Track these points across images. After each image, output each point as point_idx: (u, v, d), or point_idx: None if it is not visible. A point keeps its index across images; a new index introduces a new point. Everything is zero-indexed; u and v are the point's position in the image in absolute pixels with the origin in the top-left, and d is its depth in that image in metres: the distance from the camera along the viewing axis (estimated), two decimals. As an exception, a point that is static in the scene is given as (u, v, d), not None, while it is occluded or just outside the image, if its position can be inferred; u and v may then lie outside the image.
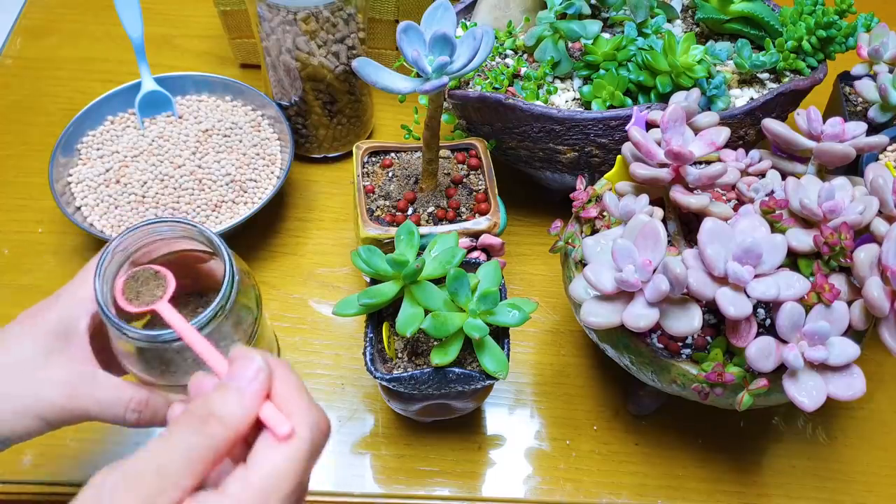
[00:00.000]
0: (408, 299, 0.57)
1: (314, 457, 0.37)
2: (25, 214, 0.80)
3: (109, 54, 0.95)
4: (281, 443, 0.36)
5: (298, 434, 0.36)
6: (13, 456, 0.64)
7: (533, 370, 0.72)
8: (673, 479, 0.66)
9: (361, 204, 0.67)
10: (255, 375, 0.37)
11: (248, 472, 0.35)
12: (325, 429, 0.38)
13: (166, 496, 0.34)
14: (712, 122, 0.63)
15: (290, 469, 0.35)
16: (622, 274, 0.52)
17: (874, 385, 0.71)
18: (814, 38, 0.73)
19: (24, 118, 0.89)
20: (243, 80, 0.84)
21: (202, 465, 0.35)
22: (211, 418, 0.35)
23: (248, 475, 0.35)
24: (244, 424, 0.36)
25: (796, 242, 0.55)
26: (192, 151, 0.78)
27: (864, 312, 0.53)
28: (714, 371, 0.54)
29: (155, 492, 0.33)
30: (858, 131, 0.61)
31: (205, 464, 0.35)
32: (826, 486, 0.66)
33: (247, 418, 0.36)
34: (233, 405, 0.36)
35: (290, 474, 0.35)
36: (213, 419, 0.35)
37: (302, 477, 0.36)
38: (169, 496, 0.34)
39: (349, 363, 0.71)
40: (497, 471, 0.66)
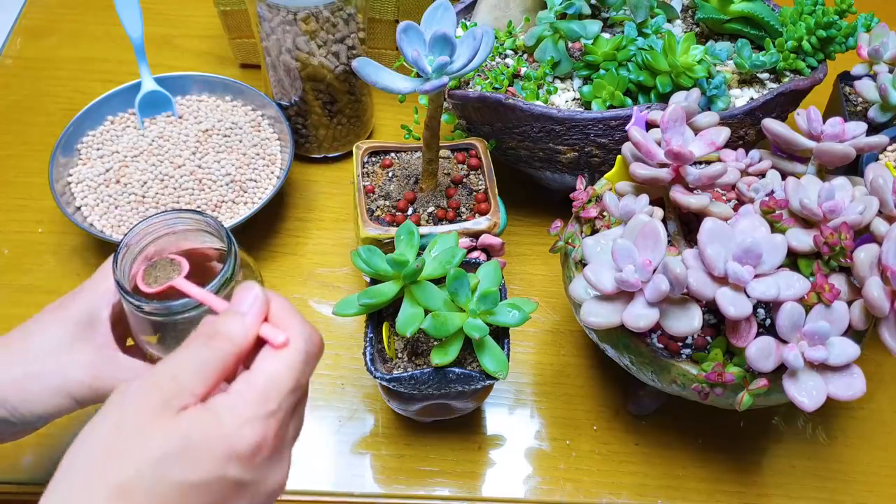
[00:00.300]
0: (408, 299, 0.57)
1: (309, 363, 0.42)
2: (25, 214, 0.80)
3: (109, 54, 0.95)
4: (278, 350, 0.41)
5: (293, 343, 0.41)
6: (13, 456, 0.64)
7: (533, 370, 0.72)
8: (673, 479, 0.66)
9: (361, 204, 0.67)
10: (253, 301, 0.42)
11: (251, 375, 0.40)
12: (318, 341, 0.43)
13: (180, 399, 0.38)
14: (712, 122, 0.63)
15: (287, 371, 0.40)
16: (622, 274, 0.52)
17: (874, 385, 0.71)
18: (814, 38, 0.73)
19: (24, 118, 0.89)
20: (243, 80, 0.84)
21: (211, 374, 0.39)
22: (218, 335, 0.40)
23: (250, 377, 0.40)
24: (246, 340, 0.41)
25: (796, 242, 0.55)
26: (192, 151, 0.78)
27: (864, 312, 0.53)
28: (714, 371, 0.54)
29: (170, 395, 0.38)
30: (858, 131, 0.61)
31: (213, 373, 0.40)
32: (826, 486, 0.66)
33: (248, 335, 0.41)
34: (236, 325, 0.41)
35: (287, 375, 0.40)
36: (220, 335, 0.40)
37: (299, 380, 0.41)
38: (184, 398, 0.38)
39: (349, 363, 0.71)
40: (497, 471, 0.66)
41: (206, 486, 0.37)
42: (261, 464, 0.39)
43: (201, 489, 0.37)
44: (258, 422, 0.39)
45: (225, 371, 0.40)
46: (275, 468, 0.40)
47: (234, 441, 0.38)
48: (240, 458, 0.38)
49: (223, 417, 0.38)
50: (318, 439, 0.67)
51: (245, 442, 0.38)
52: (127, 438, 0.37)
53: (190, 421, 0.38)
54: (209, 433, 0.38)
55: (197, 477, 0.37)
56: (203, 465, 0.37)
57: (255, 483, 0.39)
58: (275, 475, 0.40)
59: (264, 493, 0.40)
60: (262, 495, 0.40)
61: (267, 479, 0.40)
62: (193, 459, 0.37)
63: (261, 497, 0.40)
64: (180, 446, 0.37)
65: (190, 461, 0.37)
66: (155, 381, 0.39)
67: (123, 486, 0.36)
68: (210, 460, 0.37)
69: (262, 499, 0.40)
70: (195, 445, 0.37)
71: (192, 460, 0.37)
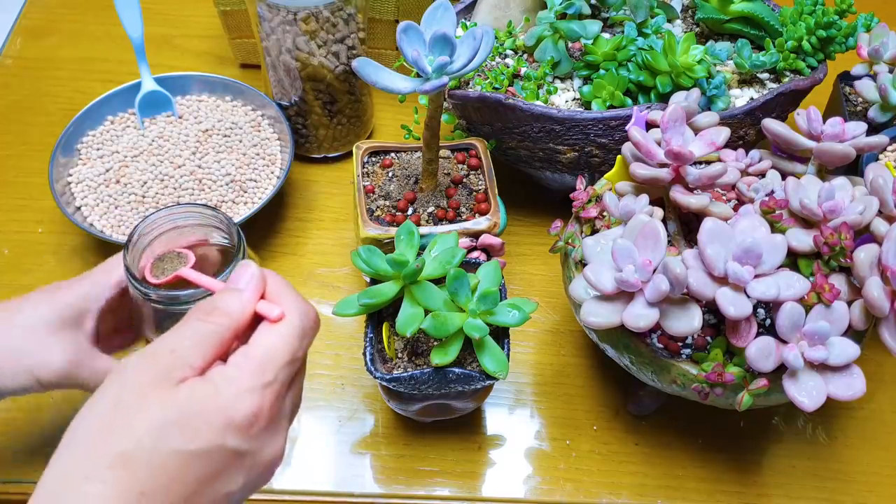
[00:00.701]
0: (408, 299, 0.57)
1: (305, 336, 0.43)
2: (25, 214, 0.80)
3: (109, 54, 0.95)
4: (274, 325, 0.42)
5: (288, 318, 0.42)
6: (12, 456, 0.64)
7: (533, 370, 0.72)
8: (673, 479, 0.66)
9: (361, 204, 0.67)
10: (250, 278, 0.43)
11: (248, 348, 0.41)
12: (314, 316, 0.44)
13: (178, 371, 0.39)
14: (712, 122, 0.63)
15: (282, 344, 0.41)
16: (622, 274, 0.52)
17: (874, 385, 0.71)
18: (814, 38, 0.73)
19: (25, 118, 0.89)
20: (243, 80, 0.84)
21: (209, 348, 0.41)
22: (215, 310, 0.42)
23: (248, 350, 0.41)
24: (243, 315, 0.42)
25: (796, 242, 0.55)
26: (192, 151, 0.78)
27: (864, 312, 0.53)
28: (714, 371, 0.54)
29: (169, 368, 0.39)
30: (858, 131, 0.61)
31: (211, 347, 0.41)
32: (826, 487, 0.66)
33: (244, 311, 0.42)
34: (233, 300, 0.42)
35: (283, 348, 0.41)
36: (217, 311, 0.42)
37: (294, 353, 0.42)
38: (182, 371, 0.39)
39: (349, 363, 0.71)
40: (497, 471, 0.66)
41: (205, 454, 0.38)
42: (258, 434, 0.40)
43: (200, 458, 0.38)
44: (255, 392, 0.40)
45: (222, 345, 0.41)
46: (272, 439, 0.41)
47: (231, 411, 0.39)
48: (237, 427, 0.39)
49: (221, 388, 0.39)
50: (318, 439, 0.67)
51: (242, 412, 0.39)
52: (127, 410, 0.38)
53: (188, 391, 0.39)
54: (207, 403, 0.39)
55: (196, 446, 0.38)
56: (201, 435, 0.38)
57: (252, 453, 0.40)
58: (272, 445, 0.41)
59: (261, 463, 0.41)
60: (259, 465, 0.41)
61: (264, 449, 0.41)
62: (192, 429, 0.38)
63: (258, 467, 0.41)
64: (179, 416, 0.38)
65: (189, 430, 0.38)
66: (154, 355, 0.40)
67: (124, 455, 0.37)
68: (208, 429, 0.38)
69: (260, 469, 0.41)
70: (194, 415, 0.38)
71: (191, 429, 0.38)
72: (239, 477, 0.40)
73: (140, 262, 0.56)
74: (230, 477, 0.40)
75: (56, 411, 0.67)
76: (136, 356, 0.40)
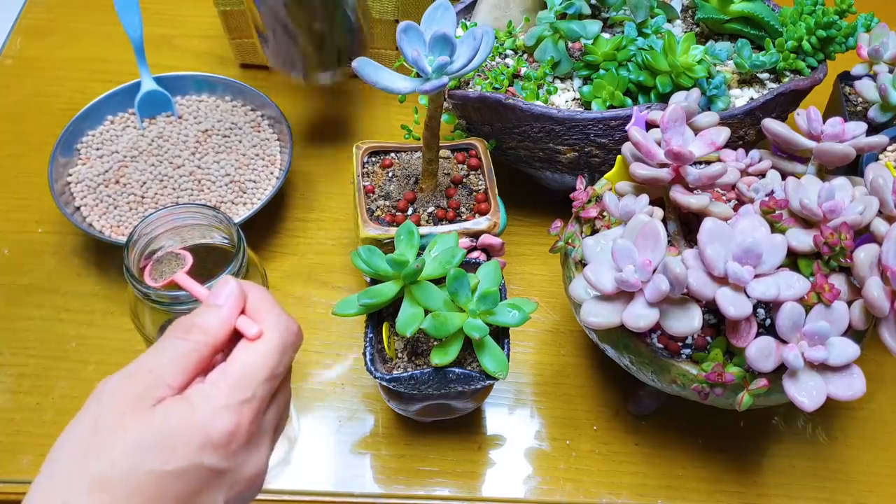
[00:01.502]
0: (408, 299, 0.57)
1: (286, 353, 0.43)
2: (25, 214, 0.80)
3: (109, 54, 0.95)
4: (252, 342, 0.42)
5: (267, 335, 0.42)
6: (12, 456, 0.64)
7: (533, 370, 0.72)
8: (673, 479, 0.66)
9: (361, 204, 0.67)
10: (229, 293, 0.43)
11: (227, 366, 0.41)
12: (296, 330, 0.44)
13: (157, 391, 0.39)
14: (712, 122, 0.63)
15: (261, 361, 0.41)
16: (622, 274, 0.52)
17: (874, 385, 0.71)
18: (814, 38, 0.73)
19: (24, 118, 0.89)
20: (243, 80, 0.84)
21: (188, 366, 0.41)
22: (193, 328, 0.42)
23: (226, 367, 0.41)
24: (221, 332, 0.42)
25: (796, 242, 0.55)
26: (191, 152, 0.78)
27: (864, 312, 0.53)
28: (714, 371, 0.54)
29: (146, 388, 0.39)
30: (858, 131, 0.61)
31: (189, 365, 0.41)
32: (826, 487, 0.66)
33: (223, 328, 0.42)
34: (211, 317, 0.42)
35: (262, 365, 0.41)
36: (195, 328, 0.42)
37: (273, 369, 0.42)
38: (160, 390, 0.39)
39: (349, 363, 0.71)
40: (497, 471, 0.66)
41: (183, 474, 0.38)
42: (236, 451, 0.40)
43: (178, 477, 0.38)
44: (231, 409, 0.40)
45: (201, 362, 0.41)
46: (252, 455, 0.41)
47: (208, 429, 0.39)
48: (214, 445, 0.39)
49: (197, 406, 0.39)
50: (318, 439, 0.67)
51: (219, 429, 0.39)
52: (104, 432, 0.38)
53: (165, 412, 0.39)
54: (183, 422, 0.39)
55: (172, 466, 0.38)
56: (178, 454, 0.38)
57: (231, 470, 0.40)
58: (252, 462, 0.41)
59: (242, 480, 0.41)
60: (240, 482, 0.41)
61: (243, 466, 0.41)
62: (169, 449, 0.38)
63: (239, 484, 0.41)
64: (155, 437, 0.38)
65: (165, 451, 0.38)
66: (132, 375, 0.40)
67: (102, 478, 0.37)
68: (185, 449, 0.38)
69: (242, 486, 0.41)
70: (170, 435, 0.38)
71: (168, 450, 0.38)
72: (219, 495, 0.40)
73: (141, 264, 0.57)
74: (210, 495, 0.39)
75: (56, 411, 0.67)
76: (115, 377, 0.40)
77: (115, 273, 0.75)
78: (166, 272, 0.55)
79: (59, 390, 0.68)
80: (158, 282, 0.54)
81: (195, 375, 0.41)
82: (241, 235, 0.58)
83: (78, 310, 0.73)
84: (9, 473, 0.63)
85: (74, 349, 0.71)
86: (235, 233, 0.58)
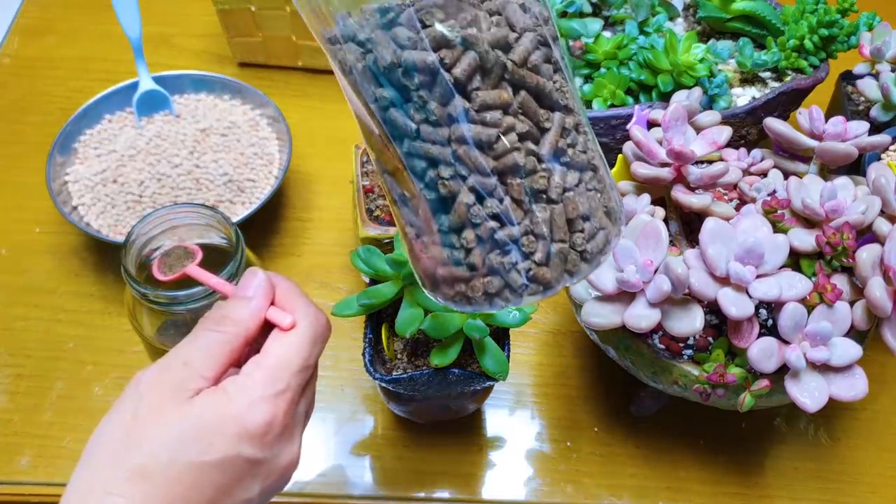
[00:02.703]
0: (407, 300, 0.57)
1: (316, 343, 0.43)
2: (23, 214, 0.80)
3: (107, 53, 0.95)
4: (285, 332, 0.42)
5: (299, 325, 0.43)
6: (10, 456, 0.64)
7: (533, 371, 0.71)
8: (674, 480, 0.65)
9: (361, 204, 0.67)
10: (258, 285, 0.43)
11: (261, 357, 0.42)
12: (325, 322, 0.44)
13: (193, 382, 0.40)
14: (714, 121, 0.63)
15: (294, 352, 0.42)
16: (623, 274, 0.52)
17: (877, 386, 0.71)
18: (816, 36, 0.73)
19: (22, 117, 0.88)
20: (242, 79, 0.84)
21: (221, 357, 0.41)
22: (225, 319, 0.42)
23: (260, 359, 0.41)
24: (253, 323, 0.43)
25: (798, 242, 0.55)
26: (189, 151, 0.78)
27: (867, 313, 0.53)
28: (716, 372, 0.54)
29: (183, 380, 0.40)
30: (860, 130, 0.61)
31: (222, 356, 0.41)
32: (829, 488, 0.65)
33: (254, 318, 0.43)
34: (242, 309, 0.43)
35: (295, 356, 0.42)
36: (227, 320, 0.42)
37: (306, 360, 0.42)
38: (195, 382, 0.40)
39: (349, 364, 0.71)
40: (497, 472, 0.65)
41: (221, 465, 0.39)
42: (272, 441, 0.40)
43: (216, 468, 0.39)
44: (268, 401, 0.40)
45: (233, 353, 0.42)
46: (286, 445, 0.42)
47: (245, 420, 0.39)
48: (252, 436, 0.39)
49: (234, 398, 0.40)
50: (318, 441, 0.66)
51: (256, 421, 0.39)
52: (144, 424, 0.39)
53: (203, 403, 0.39)
54: (222, 414, 0.39)
55: (212, 457, 0.38)
56: (217, 446, 0.39)
57: (267, 461, 0.41)
58: (287, 452, 0.42)
59: (277, 470, 0.41)
60: (275, 472, 0.41)
61: (279, 457, 0.41)
62: (208, 440, 0.38)
63: (274, 474, 0.41)
64: (194, 428, 0.39)
65: (204, 442, 0.38)
66: (167, 368, 0.41)
67: (142, 468, 0.38)
68: (223, 440, 0.39)
69: (276, 476, 0.42)
70: (209, 427, 0.39)
71: (207, 441, 0.38)
72: (255, 485, 0.40)
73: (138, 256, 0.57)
74: (247, 485, 0.40)
75: (54, 412, 0.66)
76: (151, 370, 0.41)
77: (113, 273, 0.75)
78: (175, 266, 0.55)
79: (57, 391, 0.68)
80: (168, 276, 0.54)
81: (228, 367, 0.42)
82: (239, 235, 0.57)
83: (76, 310, 0.73)
84: (7, 474, 0.63)
85: (72, 349, 0.70)
86: (234, 232, 0.57)
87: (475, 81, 0.36)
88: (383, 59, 0.35)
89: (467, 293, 0.38)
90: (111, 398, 0.67)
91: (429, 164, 0.37)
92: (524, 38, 0.36)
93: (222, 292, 0.47)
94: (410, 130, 0.36)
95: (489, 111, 0.36)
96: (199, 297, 0.55)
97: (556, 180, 0.37)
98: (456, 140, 0.36)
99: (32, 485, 0.63)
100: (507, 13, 0.36)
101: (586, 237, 0.38)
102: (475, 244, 0.37)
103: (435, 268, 0.39)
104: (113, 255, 0.75)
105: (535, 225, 0.37)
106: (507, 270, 0.38)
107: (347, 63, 0.37)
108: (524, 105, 0.36)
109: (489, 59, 0.35)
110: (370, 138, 0.39)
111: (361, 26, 0.36)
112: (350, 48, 0.37)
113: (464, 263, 0.38)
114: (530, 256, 0.37)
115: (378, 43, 0.36)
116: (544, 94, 0.37)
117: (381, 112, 0.37)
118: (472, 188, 0.36)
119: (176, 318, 0.58)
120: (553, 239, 0.37)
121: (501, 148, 0.36)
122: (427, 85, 0.35)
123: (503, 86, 0.36)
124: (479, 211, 0.37)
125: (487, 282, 0.38)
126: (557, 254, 0.38)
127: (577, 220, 0.38)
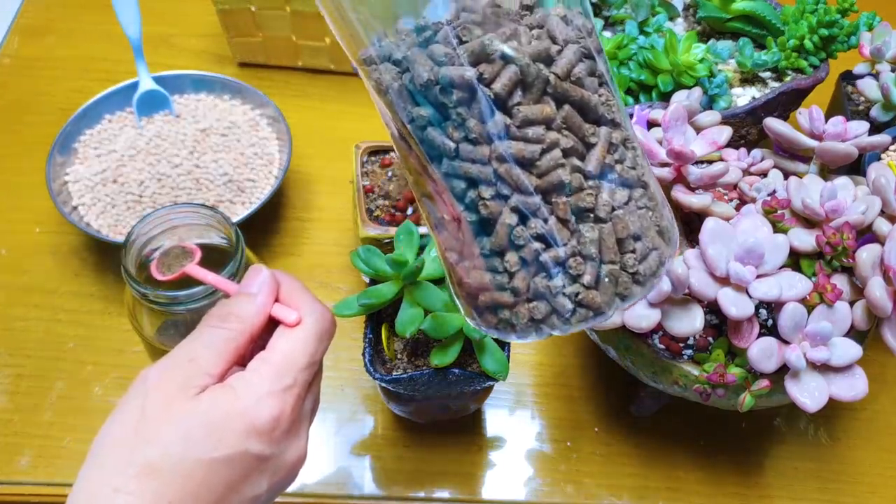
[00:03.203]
0: (407, 300, 0.57)
1: (322, 339, 0.43)
2: (23, 214, 0.80)
3: (107, 53, 0.95)
4: (291, 329, 0.43)
5: (305, 321, 0.43)
6: (10, 456, 0.64)
7: (534, 371, 0.71)
8: (674, 480, 0.65)
9: (361, 204, 0.67)
10: (263, 281, 0.44)
11: (267, 354, 0.42)
12: (330, 317, 0.44)
13: (199, 379, 0.40)
14: (714, 121, 0.63)
15: (301, 348, 0.42)
16: (623, 274, 0.52)
17: (877, 386, 0.71)
18: (816, 36, 0.73)
19: (22, 117, 0.88)
20: (242, 79, 0.84)
21: (226, 354, 0.41)
22: (230, 316, 0.42)
23: (266, 356, 0.42)
24: (258, 320, 0.43)
25: (798, 242, 0.55)
26: (189, 151, 0.78)
27: (867, 313, 0.53)
28: (716, 372, 0.54)
29: (189, 376, 0.40)
30: (860, 130, 0.61)
31: (227, 353, 0.41)
32: (829, 488, 0.65)
33: (259, 315, 0.43)
34: (247, 305, 0.43)
35: (301, 352, 0.42)
36: (232, 316, 0.42)
37: (312, 356, 0.42)
38: (201, 379, 0.40)
39: (348, 364, 0.71)
40: (497, 472, 0.65)
41: (229, 460, 0.39)
42: (280, 437, 0.41)
43: (225, 464, 0.39)
44: (275, 396, 0.40)
45: (238, 350, 0.42)
46: (294, 441, 0.42)
47: (253, 416, 0.40)
48: (259, 432, 0.40)
49: (241, 394, 0.40)
50: (318, 440, 0.66)
51: (264, 417, 0.40)
52: (151, 421, 0.39)
53: (210, 400, 0.40)
54: (229, 410, 0.39)
55: (220, 453, 0.39)
56: (225, 442, 0.39)
57: (275, 456, 0.41)
58: (294, 448, 0.42)
59: (285, 466, 0.42)
60: (283, 468, 0.42)
61: (287, 453, 0.42)
62: (216, 436, 0.39)
63: (282, 470, 0.42)
64: (203, 425, 0.39)
65: (213, 438, 0.39)
66: (173, 365, 0.41)
67: (151, 465, 0.38)
68: (231, 436, 0.39)
69: (284, 473, 0.42)
70: (217, 423, 0.39)
71: (215, 437, 0.39)
72: (264, 480, 0.41)
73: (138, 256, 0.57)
74: (256, 481, 0.40)
75: (54, 412, 0.66)
76: (156, 367, 0.41)
77: (113, 273, 0.75)
78: (174, 265, 0.55)
79: (57, 391, 0.68)
80: (166, 275, 0.54)
81: (233, 363, 0.42)
82: (239, 235, 0.57)
83: (76, 310, 0.73)
84: (7, 474, 0.63)
85: (72, 349, 0.70)
86: (234, 232, 0.57)
87: (516, 96, 0.34)
88: (420, 77, 0.34)
89: (511, 320, 0.36)
90: (111, 398, 0.67)
91: (469, 185, 0.35)
92: (567, 51, 0.35)
93: (222, 290, 0.47)
94: (449, 149, 0.35)
95: (531, 127, 0.34)
96: (199, 296, 0.55)
97: (605, 198, 0.35)
98: (497, 158, 0.34)
99: (32, 485, 0.63)
100: (549, 26, 0.35)
101: (638, 258, 0.36)
102: (519, 267, 0.35)
103: (477, 294, 0.37)
104: (113, 255, 0.75)
105: (582, 246, 0.35)
106: (554, 295, 0.35)
107: (383, 83, 0.35)
108: (568, 120, 0.35)
109: (530, 72, 0.34)
110: (407, 160, 0.37)
111: (398, 46, 0.35)
112: (386, 68, 0.35)
113: (507, 288, 0.36)
114: (578, 279, 0.35)
115: (414, 61, 0.34)
116: (589, 107, 0.35)
117: (419, 132, 0.35)
118: (515, 208, 0.34)
119: (176, 318, 0.58)
120: (603, 260, 0.35)
121: (545, 165, 0.34)
122: (465, 101, 0.34)
123: (546, 100, 0.34)
124: (522, 232, 0.35)
125: (533, 307, 0.35)
126: (608, 276, 0.35)
127: (627, 239, 0.36)
